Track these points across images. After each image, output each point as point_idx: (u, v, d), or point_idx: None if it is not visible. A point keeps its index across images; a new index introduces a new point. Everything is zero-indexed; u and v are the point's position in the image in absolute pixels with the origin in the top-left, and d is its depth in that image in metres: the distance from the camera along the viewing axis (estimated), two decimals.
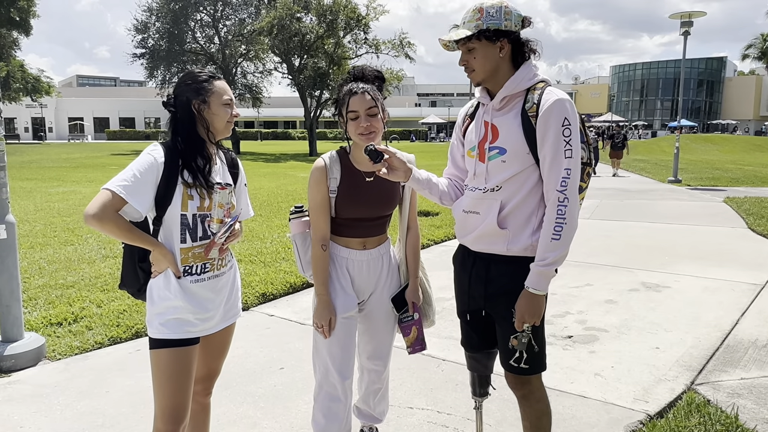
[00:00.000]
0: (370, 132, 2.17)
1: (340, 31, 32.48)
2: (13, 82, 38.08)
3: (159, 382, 2.04)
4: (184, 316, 2.06)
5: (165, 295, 2.05)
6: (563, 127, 1.97)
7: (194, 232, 2.07)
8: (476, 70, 2.08)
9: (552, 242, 1.98)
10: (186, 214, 2.04)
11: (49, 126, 66.24)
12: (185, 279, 2.07)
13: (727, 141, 41.10)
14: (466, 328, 2.36)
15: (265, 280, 5.56)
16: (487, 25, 2.00)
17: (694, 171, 19.60)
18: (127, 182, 1.93)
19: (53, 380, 3.53)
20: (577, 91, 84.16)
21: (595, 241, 7.70)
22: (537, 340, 2.12)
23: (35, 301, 4.92)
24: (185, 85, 2.09)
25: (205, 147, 2.12)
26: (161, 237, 2.06)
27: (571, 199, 1.98)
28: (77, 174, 19.07)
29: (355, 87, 2.19)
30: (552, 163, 1.99)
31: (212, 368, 2.34)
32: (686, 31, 16.14)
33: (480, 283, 2.18)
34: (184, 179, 2.04)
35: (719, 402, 3.16)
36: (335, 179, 2.27)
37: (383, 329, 2.50)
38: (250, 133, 67.78)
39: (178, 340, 2.05)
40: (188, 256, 2.07)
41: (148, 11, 35.68)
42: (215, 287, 2.16)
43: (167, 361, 2.03)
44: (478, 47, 2.04)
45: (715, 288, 5.44)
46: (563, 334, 4.25)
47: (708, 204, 11.56)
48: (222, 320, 2.22)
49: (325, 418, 2.34)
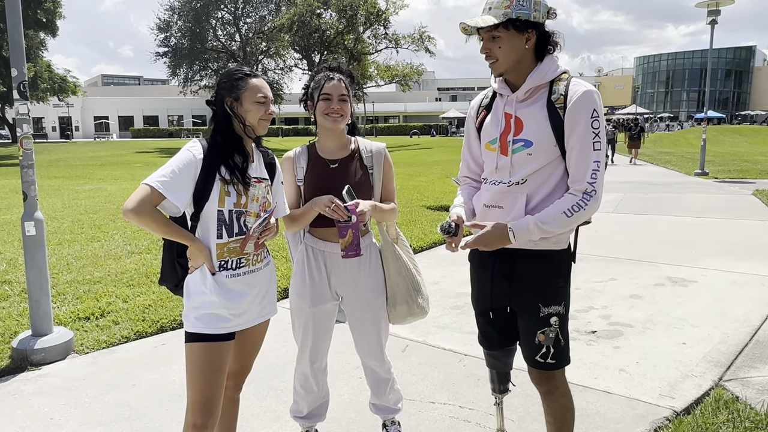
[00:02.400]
0: (340, 114, 2.35)
1: (360, 26, 32.52)
2: (41, 82, 38.84)
3: (191, 375, 2.08)
4: (219, 311, 2.09)
5: (201, 290, 2.08)
6: (592, 119, 1.96)
7: (230, 228, 2.10)
8: (500, 60, 2.00)
9: (561, 215, 1.96)
10: (222, 210, 2.07)
11: (76, 125, 67.56)
12: (220, 274, 2.10)
13: (756, 132, 40.13)
14: (486, 326, 2.33)
15: (287, 275, 5.59)
16: (517, 14, 1.93)
17: (722, 163, 19.17)
18: (165, 178, 1.97)
19: (81, 373, 3.61)
20: (600, 83, 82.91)
21: (620, 235, 7.59)
22: (563, 333, 2.10)
23: (63, 296, 5.03)
24: (221, 83, 2.15)
25: (242, 143, 2.16)
26: (198, 232, 2.10)
27: (598, 191, 1.98)
28: (103, 172, 19.42)
29: (331, 74, 2.39)
30: (580, 154, 1.97)
31: (244, 364, 2.36)
32: (713, 20, 15.75)
33: (504, 280, 2.15)
34: (221, 175, 2.07)
35: (748, 398, 3.09)
36: (302, 168, 2.45)
37: (370, 326, 2.52)
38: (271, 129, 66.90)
39: (211, 335, 2.08)
40: (224, 251, 2.10)
41: (171, 10, 36.18)
42: (250, 282, 2.18)
43: (200, 355, 2.07)
44: (504, 36, 1.96)
45: (743, 282, 5.32)
46: (587, 329, 4.20)
47: (736, 197, 11.30)
48: (257, 316, 2.24)
49: (302, 388, 2.62)
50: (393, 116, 76.52)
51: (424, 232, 7.70)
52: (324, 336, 2.54)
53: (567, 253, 2.16)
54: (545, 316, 2.09)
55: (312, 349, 2.52)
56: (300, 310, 2.49)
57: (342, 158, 2.45)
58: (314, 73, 2.46)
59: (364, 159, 2.47)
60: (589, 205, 1.96)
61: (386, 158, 2.52)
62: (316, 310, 2.46)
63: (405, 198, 10.87)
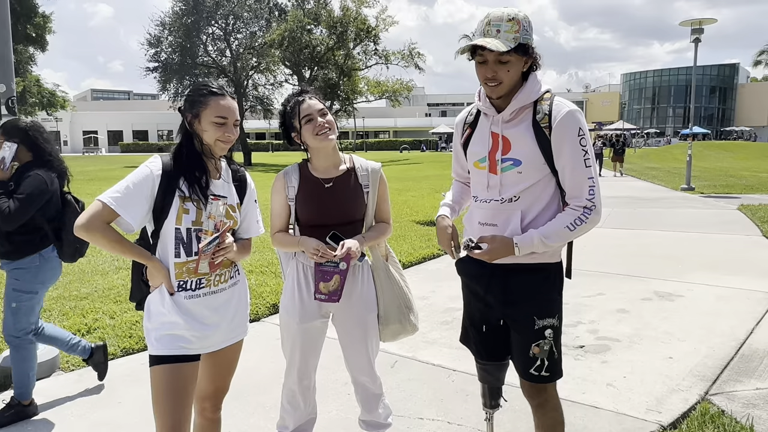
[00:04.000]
0: (329, 128, 2.33)
1: (350, 42, 32.78)
2: (30, 96, 38.69)
3: (156, 399, 2.02)
4: (179, 332, 2.03)
5: (160, 311, 2.03)
6: (579, 137, 2.01)
7: (188, 246, 2.04)
8: (503, 83, 2.00)
9: (564, 229, 2.01)
10: (180, 227, 2.02)
11: (64, 139, 67.22)
12: (179, 295, 2.05)
13: (741, 148, 40.71)
14: (479, 339, 2.34)
15: (276, 290, 5.58)
16: (523, 39, 1.95)
17: (708, 178, 19.41)
18: (119, 194, 1.93)
19: (66, 391, 3.57)
20: (587, 99, 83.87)
21: (608, 250, 7.65)
22: (557, 346, 2.14)
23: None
24: (187, 96, 2.12)
25: (201, 159, 2.10)
26: (158, 251, 2.05)
27: (598, 206, 2.05)
28: (91, 187, 19.28)
29: (300, 97, 2.38)
30: (574, 172, 2.02)
31: (219, 386, 2.32)
32: (697, 38, 16.06)
33: (499, 294, 2.17)
34: (181, 191, 2.02)
35: (734, 412, 3.12)
36: (293, 188, 2.43)
37: (363, 343, 2.52)
38: (261, 144, 68.25)
39: (173, 356, 2.01)
40: (182, 271, 2.04)
41: (161, 25, 36.24)
42: (212, 304, 2.12)
43: (163, 378, 2.00)
44: (513, 61, 1.97)
45: (729, 297, 5.38)
46: (575, 344, 4.22)
47: (722, 212, 11.44)
48: (226, 338, 2.19)
49: (289, 404, 2.59)
50: (383, 131, 76.84)
51: (413, 247, 7.72)
52: (312, 353, 2.53)
53: (560, 266, 2.19)
54: (540, 329, 2.11)
55: (300, 366, 2.51)
56: (288, 327, 2.48)
57: (336, 177, 2.44)
58: (283, 107, 2.46)
59: (359, 177, 2.47)
60: (590, 218, 2.03)
61: (381, 178, 2.52)
62: (305, 328, 2.45)
63: (395, 213, 10.85)
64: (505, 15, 1.94)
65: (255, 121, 51.31)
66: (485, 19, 1.98)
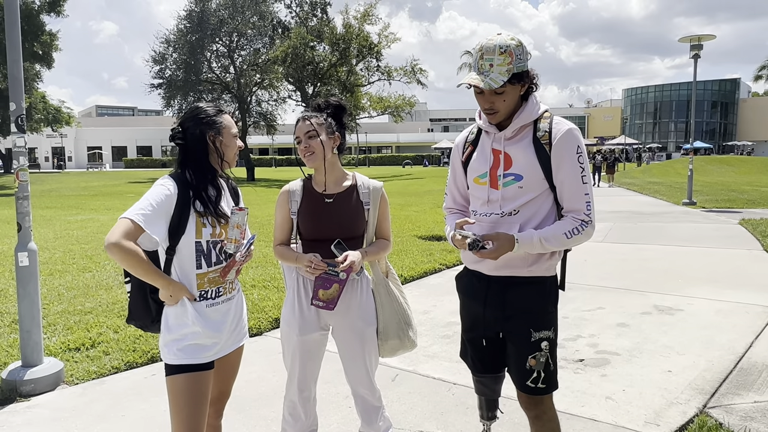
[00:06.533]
0: (311, 152, 2.42)
1: (353, 59, 33.07)
2: (35, 113, 39.01)
3: (177, 407, 2.08)
4: (202, 341, 2.12)
5: (183, 322, 2.11)
6: (578, 154, 2.10)
7: (209, 257, 2.15)
8: (500, 112, 2.09)
9: (562, 235, 2.08)
10: (200, 241, 2.12)
11: (69, 155, 67.71)
12: (200, 304, 2.14)
13: (743, 162, 40.75)
14: (476, 353, 2.39)
15: (278, 305, 5.62)
16: (517, 68, 2.02)
17: (710, 193, 19.44)
18: (144, 211, 1.99)
19: (71, 404, 3.61)
20: (589, 114, 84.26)
21: (608, 265, 7.68)
22: (552, 358, 2.19)
23: (54, 326, 5.03)
24: (198, 118, 2.18)
25: (216, 177, 2.22)
26: (176, 265, 2.13)
27: (593, 220, 2.13)
28: (95, 202, 19.42)
29: (300, 116, 2.48)
30: (572, 188, 2.10)
31: (223, 390, 2.40)
32: (696, 54, 16.20)
33: (497, 307, 2.22)
34: (196, 209, 2.12)
35: (732, 425, 3.14)
36: (296, 202, 2.52)
37: (362, 356, 2.55)
38: (264, 159, 68.60)
39: (195, 365, 2.10)
40: (204, 282, 2.14)
41: (166, 43, 36.66)
42: (227, 311, 2.24)
43: (185, 386, 2.08)
44: (508, 90, 2.05)
45: (728, 311, 5.40)
46: (574, 358, 4.25)
47: (723, 226, 11.46)
48: (232, 342, 2.29)
49: (291, 415, 2.61)
50: (386, 146, 77.21)
51: (415, 261, 7.76)
52: (312, 365, 2.57)
53: (555, 279, 2.26)
54: (536, 341, 2.16)
55: (300, 378, 2.55)
56: (288, 339, 2.53)
57: (338, 193, 2.51)
58: None
59: (361, 195, 2.53)
60: (586, 231, 2.11)
61: (383, 197, 2.59)
62: (304, 339, 2.50)
63: (397, 227, 10.95)
64: (496, 48, 2.00)
65: (258, 137, 51.54)
66: (479, 52, 2.04)
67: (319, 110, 2.50)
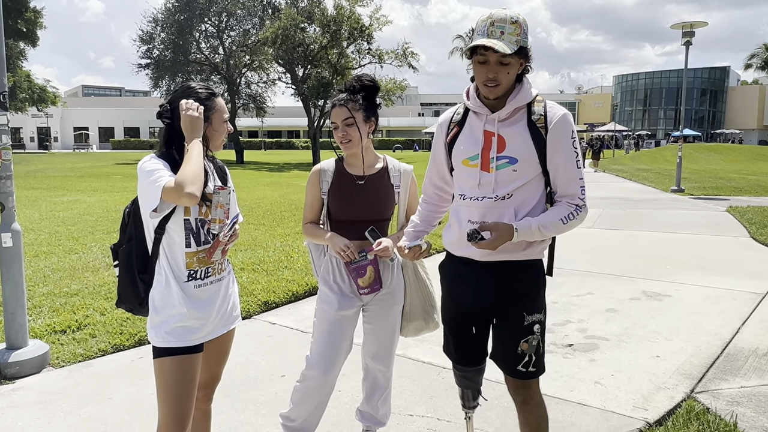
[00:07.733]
0: (349, 140, 2.41)
1: (344, 41, 32.69)
2: (20, 92, 38.39)
3: (164, 390, 2.06)
4: (189, 323, 2.09)
5: (169, 303, 2.07)
6: (572, 139, 2.10)
7: (197, 236, 2.11)
8: (502, 84, 2.04)
9: (558, 221, 2.08)
10: (189, 219, 2.09)
11: (55, 136, 66.74)
12: (188, 284, 2.10)
13: (731, 150, 41.05)
14: (460, 343, 2.35)
15: (267, 288, 5.59)
16: (523, 42, 2.00)
17: (698, 180, 19.58)
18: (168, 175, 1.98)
19: (57, 387, 3.57)
20: (580, 100, 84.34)
21: (597, 250, 7.71)
22: (542, 341, 2.19)
23: (39, 308, 4.96)
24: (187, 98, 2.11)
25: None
26: (165, 243, 2.09)
27: (587, 205, 2.13)
28: (82, 183, 19.19)
29: (336, 100, 2.45)
30: (567, 172, 2.09)
31: (213, 374, 2.37)
32: (688, 41, 16.19)
33: (489, 292, 2.18)
34: None
35: (718, 410, 3.17)
36: (327, 182, 2.53)
37: (387, 331, 2.58)
38: (254, 142, 68.13)
39: (183, 348, 2.07)
40: (193, 261, 2.11)
41: (154, 22, 36.06)
42: (216, 292, 2.20)
43: (173, 369, 2.06)
44: (513, 63, 2.01)
45: (716, 297, 5.44)
46: (564, 343, 4.26)
47: (711, 213, 11.55)
48: (221, 325, 2.25)
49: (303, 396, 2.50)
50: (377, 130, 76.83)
51: None
52: (343, 346, 2.50)
53: (542, 263, 2.25)
54: (529, 325, 2.15)
55: (324, 355, 2.46)
56: (325, 315, 2.49)
57: (370, 175, 2.52)
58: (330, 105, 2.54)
59: (392, 178, 2.55)
60: (580, 215, 2.11)
61: (413, 179, 2.62)
62: (342, 315, 2.48)
63: None
64: (508, 17, 1.98)
65: (247, 119, 51.07)
66: (488, 20, 1.99)
67: (354, 92, 2.44)
